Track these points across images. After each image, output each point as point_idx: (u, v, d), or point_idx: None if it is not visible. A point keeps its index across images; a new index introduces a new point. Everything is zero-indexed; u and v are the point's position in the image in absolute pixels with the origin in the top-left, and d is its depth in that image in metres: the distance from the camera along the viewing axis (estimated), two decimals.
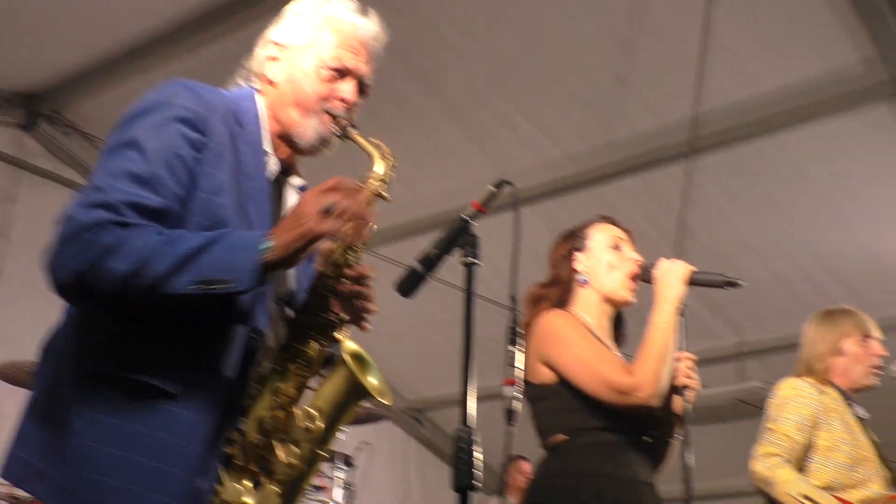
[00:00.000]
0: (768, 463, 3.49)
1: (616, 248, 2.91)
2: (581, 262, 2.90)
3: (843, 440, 3.56)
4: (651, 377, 2.61)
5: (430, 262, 2.15)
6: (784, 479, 3.43)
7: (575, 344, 2.68)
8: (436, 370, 7.54)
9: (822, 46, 4.89)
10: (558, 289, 2.87)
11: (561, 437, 2.69)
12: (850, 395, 3.73)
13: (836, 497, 3.44)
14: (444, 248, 2.14)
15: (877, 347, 3.75)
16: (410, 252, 2.94)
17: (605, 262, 2.88)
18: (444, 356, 7.10)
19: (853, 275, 6.04)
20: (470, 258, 2.08)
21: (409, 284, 2.17)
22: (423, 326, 7.08)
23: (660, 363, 2.63)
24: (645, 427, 2.73)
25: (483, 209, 2.16)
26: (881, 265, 5.97)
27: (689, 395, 2.68)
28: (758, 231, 5.96)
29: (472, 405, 1.94)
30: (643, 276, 2.85)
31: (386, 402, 2.03)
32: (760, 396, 6.04)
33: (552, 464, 2.69)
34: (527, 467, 6.35)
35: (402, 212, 5.82)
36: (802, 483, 3.44)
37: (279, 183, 2.13)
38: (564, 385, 2.68)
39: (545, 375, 2.72)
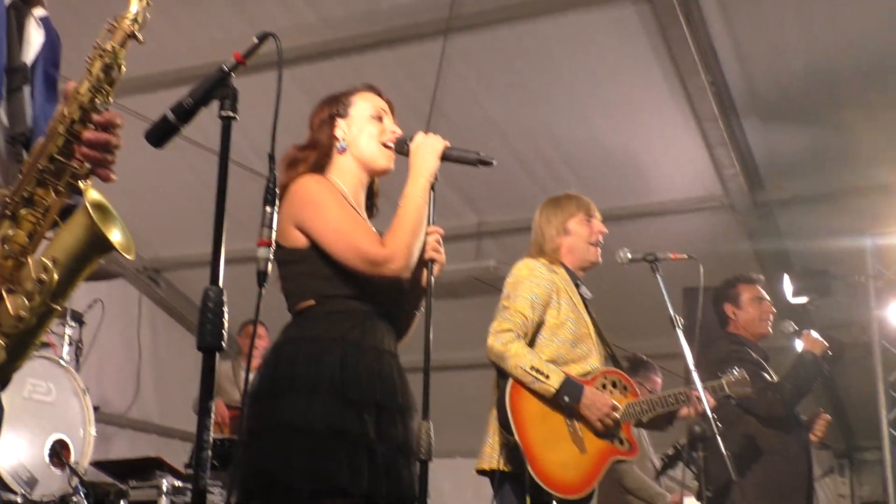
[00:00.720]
0: (503, 339, 3.65)
1: (378, 118, 2.87)
2: (342, 128, 2.83)
3: (570, 318, 3.80)
4: (403, 249, 2.61)
5: (184, 113, 2.03)
6: (515, 352, 3.61)
7: (329, 210, 2.63)
8: (175, 230, 7.34)
9: None
10: (316, 153, 2.79)
11: (309, 302, 2.66)
12: (578, 277, 3.97)
13: None
14: (200, 98, 2.02)
15: (598, 225, 4.02)
16: (152, 106, 2.77)
17: (366, 131, 2.83)
18: (184, 216, 6.95)
19: (587, 165, 6.36)
20: (228, 111, 1.99)
21: (159, 134, 2.04)
22: (163, 185, 6.82)
23: (413, 235, 2.63)
24: (392, 298, 2.75)
25: (244, 61, 2.05)
26: (613, 158, 6.30)
27: (436, 269, 2.71)
28: (505, 114, 6.10)
29: (221, 264, 1.88)
30: (399, 149, 2.83)
31: (129, 257, 1.93)
32: (496, 275, 6.33)
33: (298, 328, 2.66)
34: (261, 331, 6.35)
35: (147, 63, 5.45)
36: (532, 356, 3.63)
37: (19, 11, 1.93)
38: (316, 251, 2.64)
39: (297, 239, 2.65)
